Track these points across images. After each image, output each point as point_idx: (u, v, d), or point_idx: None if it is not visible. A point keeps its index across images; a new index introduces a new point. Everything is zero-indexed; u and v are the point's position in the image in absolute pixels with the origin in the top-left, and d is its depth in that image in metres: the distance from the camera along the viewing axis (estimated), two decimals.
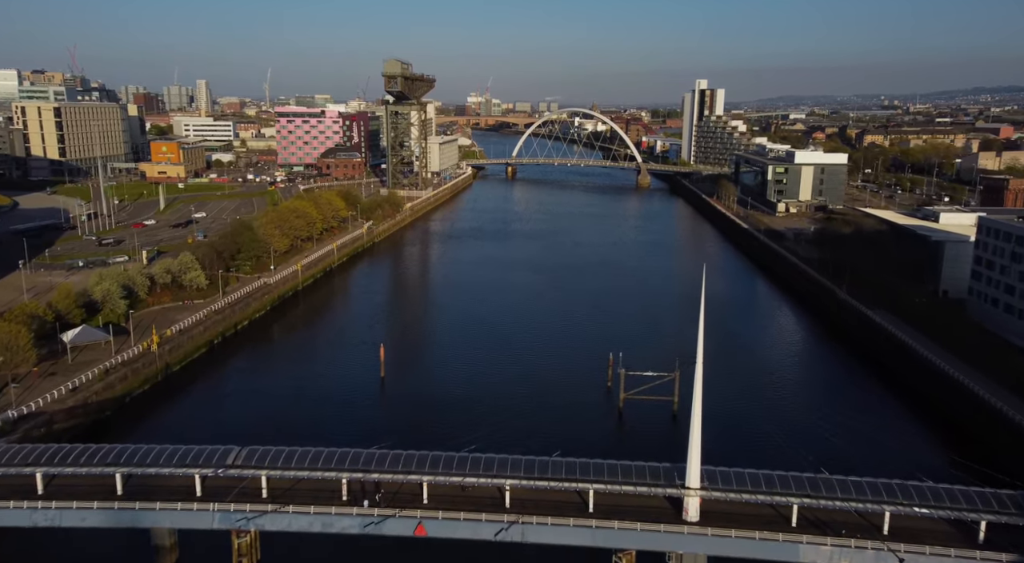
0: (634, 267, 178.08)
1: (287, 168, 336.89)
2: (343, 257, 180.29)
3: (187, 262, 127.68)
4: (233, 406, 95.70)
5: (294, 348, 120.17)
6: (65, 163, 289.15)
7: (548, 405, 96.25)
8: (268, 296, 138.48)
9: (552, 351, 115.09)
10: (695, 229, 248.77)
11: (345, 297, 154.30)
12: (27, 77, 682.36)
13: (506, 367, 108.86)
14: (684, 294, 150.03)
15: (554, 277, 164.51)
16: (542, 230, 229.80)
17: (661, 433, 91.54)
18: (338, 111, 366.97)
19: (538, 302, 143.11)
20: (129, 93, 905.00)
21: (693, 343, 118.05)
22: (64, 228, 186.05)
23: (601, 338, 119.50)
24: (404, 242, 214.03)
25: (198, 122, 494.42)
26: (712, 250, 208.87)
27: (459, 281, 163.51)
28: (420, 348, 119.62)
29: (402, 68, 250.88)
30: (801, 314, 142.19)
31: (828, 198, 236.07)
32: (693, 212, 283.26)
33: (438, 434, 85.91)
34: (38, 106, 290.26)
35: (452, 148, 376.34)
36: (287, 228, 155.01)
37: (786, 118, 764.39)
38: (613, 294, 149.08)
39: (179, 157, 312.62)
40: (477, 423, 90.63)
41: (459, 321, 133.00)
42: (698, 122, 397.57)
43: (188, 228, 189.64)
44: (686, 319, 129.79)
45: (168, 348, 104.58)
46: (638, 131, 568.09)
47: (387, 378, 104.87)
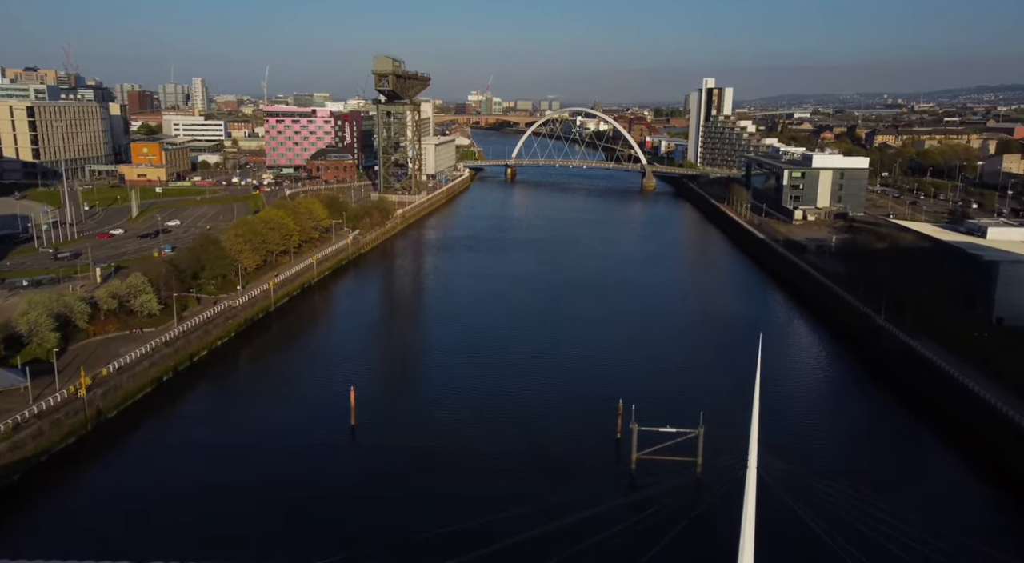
0: (642, 284, 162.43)
1: (276, 170, 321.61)
2: (324, 271, 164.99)
3: (137, 284, 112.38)
4: (172, 465, 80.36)
5: (256, 384, 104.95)
6: (39, 165, 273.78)
7: (546, 463, 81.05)
8: (233, 320, 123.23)
9: (552, 392, 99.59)
10: (705, 238, 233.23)
11: (321, 320, 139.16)
12: (18, 74, 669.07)
13: (498, 412, 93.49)
14: (700, 321, 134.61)
15: (555, 296, 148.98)
16: (542, 239, 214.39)
17: (683, 501, 76.26)
18: (330, 110, 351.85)
19: (537, 328, 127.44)
20: (124, 91, 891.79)
21: (717, 389, 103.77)
22: (21, 239, 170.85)
23: (608, 377, 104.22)
24: (393, 253, 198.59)
25: (188, 121, 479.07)
26: (725, 263, 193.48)
27: (449, 301, 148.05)
28: (399, 386, 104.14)
29: (393, 65, 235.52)
30: (830, 341, 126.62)
31: (848, 205, 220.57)
32: (701, 218, 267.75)
33: (412, 504, 71.20)
34: (9, 105, 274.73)
35: (449, 149, 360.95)
36: (258, 242, 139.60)
37: (791, 117, 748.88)
38: (620, 319, 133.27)
39: (161, 159, 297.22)
40: (461, 486, 75.84)
41: (446, 352, 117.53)
42: (705, 122, 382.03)
43: (158, 239, 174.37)
44: (706, 355, 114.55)
45: (102, 391, 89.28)
46: (641, 131, 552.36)
47: (359, 426, 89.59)
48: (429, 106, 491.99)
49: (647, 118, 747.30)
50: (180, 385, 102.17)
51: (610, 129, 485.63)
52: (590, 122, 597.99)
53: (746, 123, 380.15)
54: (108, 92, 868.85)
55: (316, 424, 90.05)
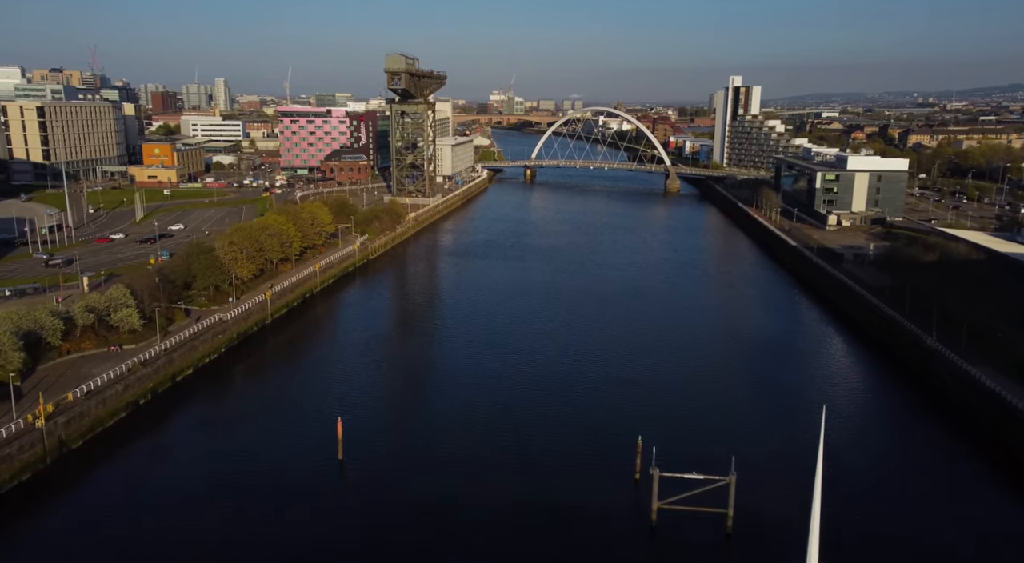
0: (665, 298, 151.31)
1: (290, 171, 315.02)
2: (328, 280, 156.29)
3: (118, 297, 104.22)
4: (136, 506, 71.64)
5: (239, 409, 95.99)
6: (48, 166, 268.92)
7: (555, 510, 71.11)
8: (223, 335, 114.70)
9: (564, 424, 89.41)
10: (732, 245, 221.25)
11: (319, 335, 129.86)
12: (45, 75, 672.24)
13: (503, 446, 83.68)
14: (729, 342, 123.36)
15: (571, 311, 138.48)
16: (560, 245, 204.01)
17: (712, 561, 66.28)
18: (345, 110, 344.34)
19: (549, 348, 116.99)
20: (148, 92, 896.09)
21: (750, 426, 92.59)
22: (17, 244, 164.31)
23: (626, 407, 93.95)
24: (402, 260, 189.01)
25: (206, 121, 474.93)
26: (754, 272, 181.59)
27: (455, 315, 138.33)
28: (395, 414, 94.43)
29: (406, 63, 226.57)
30: (874, 365, 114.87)
31: (886, 209, 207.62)
32: (728, 223, 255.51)
33: (402, 558, 61.91)
34: (20, 105, 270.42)
35: (466, 149, 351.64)
36: (254, 250, 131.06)
37: (819, 116, 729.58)
38: (640, 339, 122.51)
39: (172, 160, 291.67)
40: (459, 536, 66.66)
41: (448, 374, 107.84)
42: (731, 122, 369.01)
43: (159, 244, 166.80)
44: (736, 383, 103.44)
45: (65, 419, 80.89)
46: (665, 130, 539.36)
47: (348, 461, 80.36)
48: (448, 106, 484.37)
49: (671, 118, 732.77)
50: (158, 410, 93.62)
51: (633, 129, 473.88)
52: (612, 122, 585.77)
53: (774, 122, 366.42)
54: (133, 93, 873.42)
55: (301, 458, 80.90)
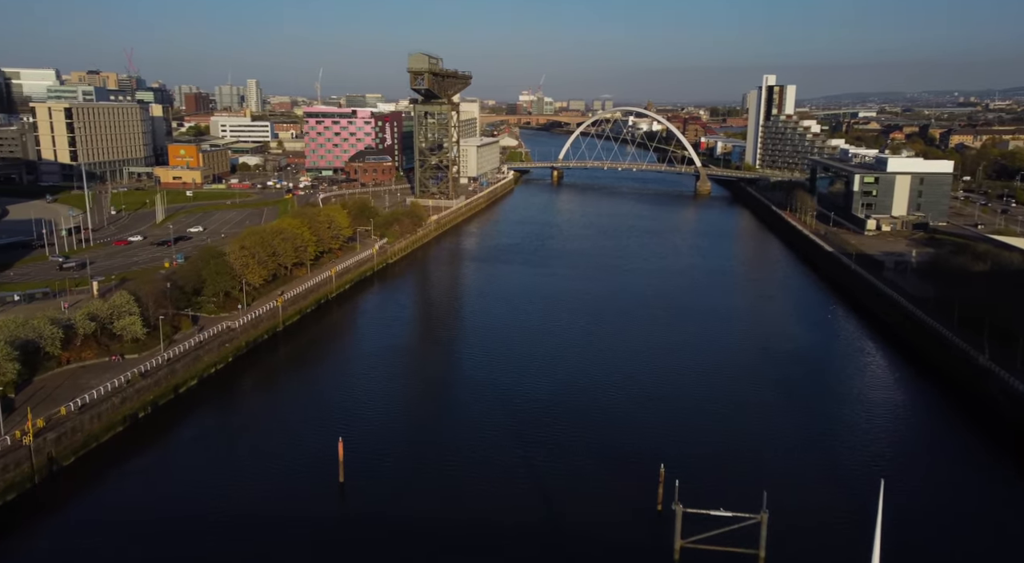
0: (693, 308, 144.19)
1: (315, 172, 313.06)
2: (344, 285, 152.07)
3: (121, 304, 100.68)
4: (125, 529, 67.52)
5: (239, 424, 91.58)
6: (76, 167, 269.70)
7: (569, 543, 65.50)
8: (231, 344, 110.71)
9: (581, 447, 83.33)
10: (765, 250, 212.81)
11: (330, 344, 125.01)
12: (82, 77, 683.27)
13: (515, 472, 78.02)
14: (761, 358, 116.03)
15: (594, 322, 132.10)
16: (586, 250, 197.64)
17: None
18: (371, 111, 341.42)
19: (570, 363, 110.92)
20: (181, 93, 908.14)
21: (782, 456, 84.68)
22: (35, 246, 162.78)
23: (650, 429, 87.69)
24: (421, 265, 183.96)
25: (235, 122, 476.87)
26: (789, 280, 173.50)
27: (473, 323, 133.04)
28: (402, 432, 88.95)
29: (429, 63, 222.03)
30: (920, 384, 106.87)
31: (929, 214, 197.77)
32: (760, 227, 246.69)
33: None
34: (48, 106, 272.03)
35: (492, 150, 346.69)
36: (266, 255, 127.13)
37: (856, 116, 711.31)
38: (666, 354, 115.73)
39: (198, 161, 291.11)
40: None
41: (461, 388, 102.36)
42: (765, 122, 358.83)
43: (174, 247, 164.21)
44: (769, 406, 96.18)
45: (56, 435, 77.10)
46: (696, 131, 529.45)
47: (349, 484, 75.37)
48: (475, 106, 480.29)
49: (702, 118, 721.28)
50: (157, 424, 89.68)
51: (663, 129, 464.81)
52: (642, 122, 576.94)
53: (810, 123, 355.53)
54: (168, 94, 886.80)
55: (300, 479, 76.19)
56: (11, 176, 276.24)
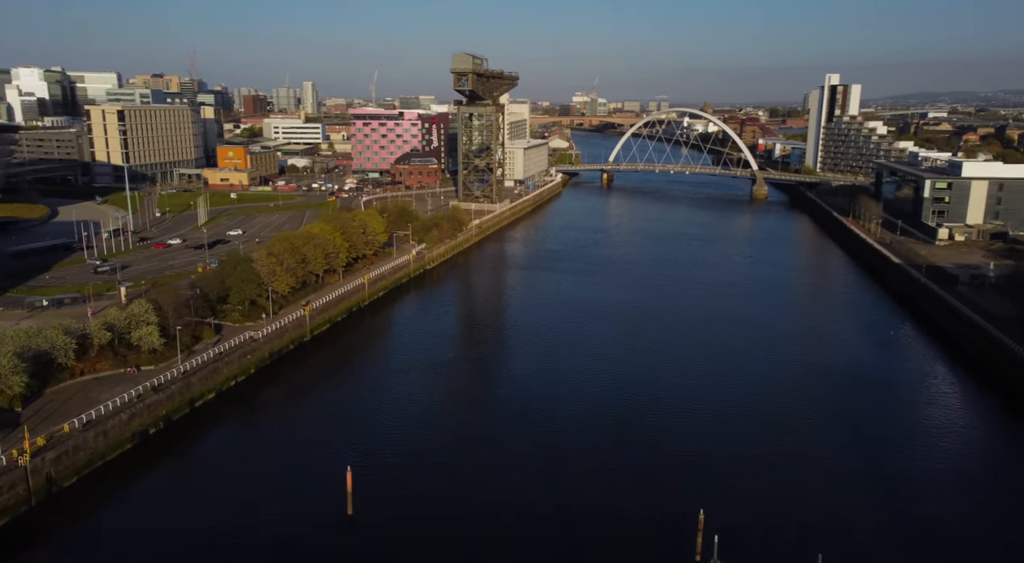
0: (744, 323, 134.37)
1: (361, 174, 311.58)
2: (377, 292, 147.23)
3: (139, 313, 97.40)
4: (119, 560, 63.10)
5: (253, 444, 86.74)
6: (127, 168, 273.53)
7: None
8: (253, 355, 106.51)
9: (613, 485, 75.46)
10: (825, 260, 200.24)
11: (357, 357, 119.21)
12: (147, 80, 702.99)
13: (538, 508, 70.90)
14: (818, 385, 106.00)
15: (637, 336, 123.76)
16: (632, 258, 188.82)
17: None
18: (417, 113, 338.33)
19: (603, 385, 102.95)
20: (240, 95, 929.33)
21: (840, 505, 71.79)
22: (75, 248, 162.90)
23: (690, 467, 79.25)
24: (458, 272, 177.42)
25: (287, 124, 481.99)
26: (850, 293, 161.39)
27: (506, 337, 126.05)
28: (418, 460, 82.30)
29: (473, 63, 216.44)
30: (1000, 415, 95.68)
31: (1009, 222, 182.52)
32: (821, 234, 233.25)
33: None
34: (102, 109, 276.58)
35: (540, 153, 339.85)
36: (294, 262, 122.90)
37: (925, 117, 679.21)
38: (712, 375, 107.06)
39: (245, 162, 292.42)
40: None
41: (485, 413, 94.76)
42: (826, 123, 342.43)
43: (208, 252, 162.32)
44: (825, 444, 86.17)
45: (56, 454, 73.37)
46: (754, 132, 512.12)
47: (358, 517, 69.53)
48: (525, 107, 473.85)
49: (761, 119, 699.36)
50: (167, 442, 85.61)
51: (718, 131, 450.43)
52: (698, 123, 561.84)
53: (875, 124, 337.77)
54: (228, 97, 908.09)
55: (306, 509, 70.67)
56: (67, 177, 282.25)
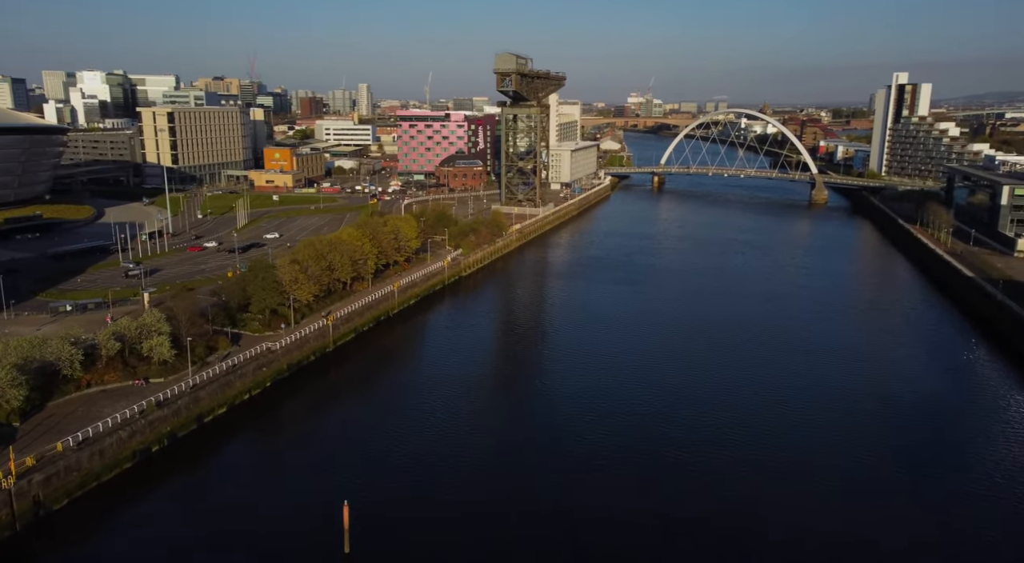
0: (798, 341, 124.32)
1: (407, 176, 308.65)
2: (408, 300, 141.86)
3: (151, 323, 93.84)
4: None
5: (256, 467, 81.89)
6: (176, 170, 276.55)
7: None
8: (269, 368, 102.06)
9: (647, 529, 67.75)
10: (889, 272, 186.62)
11: (382, 371, 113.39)
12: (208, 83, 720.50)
13: (556, 557, 63.64)
14: (881, 414, 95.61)
15: (681, 354, 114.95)
16: (682, 268, 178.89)
17: None
18: (464, 114, 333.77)
19: (643, 412, 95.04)
20: (297, 97, 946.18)
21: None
22: (111, 251, 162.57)
23: (737, 509, 70.69)
24: (495, 280, 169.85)
25: (338, 126, 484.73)
26: (917, 310, 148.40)
27: (540, 356, 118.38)
28: (427, 495, 76.04)
29: (517, 63, 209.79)
30: None
31: None
32: (884, 243, 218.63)
33: None
34: (153, 111, 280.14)
35: (588, 155, 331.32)
36: (319, 269, 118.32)
37: (1002, 117, 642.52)
38: (764, 402, 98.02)
39: (292, 164, 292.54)
40: None
41: (508, 441, 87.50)
42: (893, 124, 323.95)
43: (247, 254, 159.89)
44: (895, 495, 76.01)
45: (45, 476, 69.54)
46: (815, 134, 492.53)
47: (354, 555, 63.56)
48: (576, 108, 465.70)
49: (823, 120, 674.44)
50: (171, 460, 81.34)
51: (777, 133, 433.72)
52: (756, 125, 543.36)
53: (947, 125, 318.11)
54: (287, 99, 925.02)
55: (302, 545, 65.06)
56: (120, 178, 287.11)
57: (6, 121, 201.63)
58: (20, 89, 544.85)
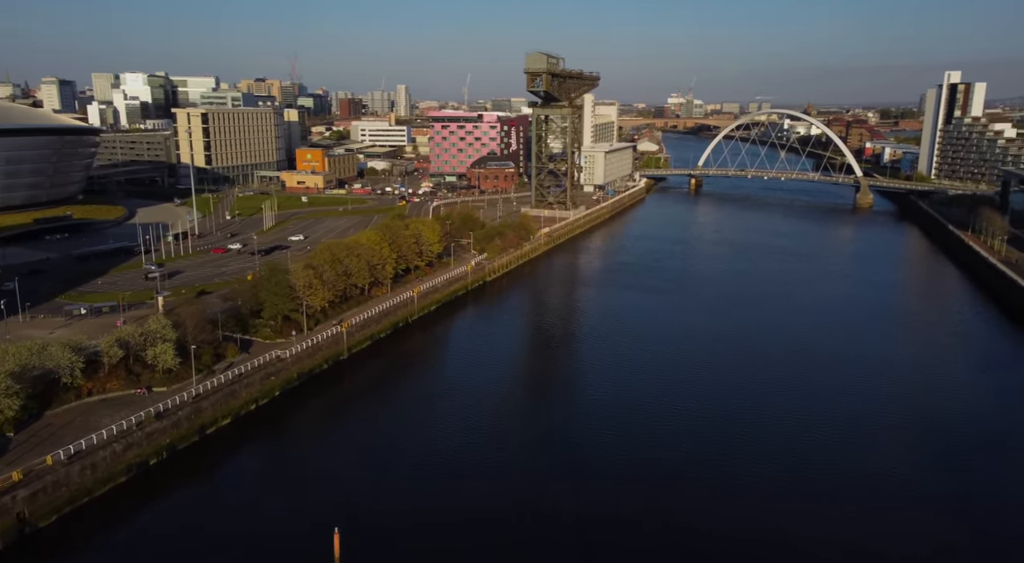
0: (838, 356, 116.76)
1: (438, 178, 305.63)
2: (428, 307, 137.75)
3: (156, 329, 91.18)
4: None
5: (258, 480, 78.32)
6: (209, 170, 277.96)
7: None
8: (278, 376, 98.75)
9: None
10: (938, 281, 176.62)
11: (395, 381, 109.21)
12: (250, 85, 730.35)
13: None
14: (931, 440, 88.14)
15: (713, 370, 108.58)
16: (716, 275, 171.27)
17: None
18: (497, 115, 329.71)
19: (669, 433, 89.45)
20: (337, 99, 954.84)
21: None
22: (135, 252, 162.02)
23: (775, 544, 64.63)
24: (520, 285, 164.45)
25: (374, 126, 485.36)
26: (968, 322, 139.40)
27: (562, 368, 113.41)
28: (427, 528, 71.70)
29: (548, 63, 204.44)
30: None
31: None
32: (933, 251, 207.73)
33: None
34: (187, 112, 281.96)
35: (623, 157, 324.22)
36: (334, 275, 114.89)
37: None
38: (803, 424, 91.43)
39: (323, 165, 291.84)
40: None
41: (520, 465, 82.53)
42: (944, 125, 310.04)
43: (270, 257, 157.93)
44: (952, 538, 68.97)
45: (31, 492, 66.80)
46: (861, 135, 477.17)
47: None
48: (613, 109, 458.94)
49: (870, 121, 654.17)
50: (169, 473, 78.26)
51: (821, 134, 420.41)
52: (799, 125, 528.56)
53: (1002, 126, 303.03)
54: (327, 101, 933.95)
55: None
56: (155, 179, 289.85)
57: (37, 122, 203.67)
58: (67, 91, 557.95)
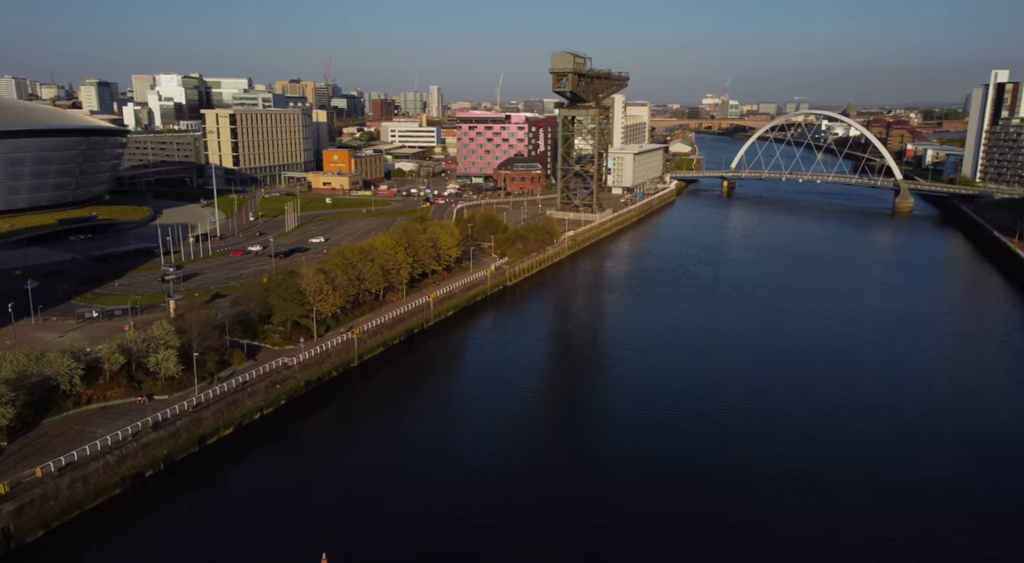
0: (872, 370, 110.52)
1: (465, 179, 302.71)
2: (445, 312, 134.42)
3: (159, 336, 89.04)
4: None
5: (262, 494, 75.35)
6: (237, 171, 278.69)
7: None
8: (283, 385, 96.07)
9: None
10: (982, 290, 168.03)
11: (404, 391, 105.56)
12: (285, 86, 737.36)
13: None
14: (971, 456, 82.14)
15: (740, 385, 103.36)
16: (744, 282, 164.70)
17: None
18: (524, 116, 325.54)
19: (693, 452, 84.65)
20: (370, 99, 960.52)
21: None
22: (156, 253, 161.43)
23: None
24: (541, 291, 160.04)
25: (403, 127, 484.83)
26: (1014, 334, 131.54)
27: (580, 381, 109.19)
28: (441, 551, 68.17)
29: (575, 63, 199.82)
30: None
31: None
32: (978, 258, 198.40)
33: None
34: (216, 113, 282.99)
35: (653, 158, 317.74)
36: (346, 280, 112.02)
37: None
38: (835, 441, 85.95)
39: (350, 167, 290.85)
40: None
41: (527, 487, 78.44)
42: (990, 126, 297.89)
43: (290, 259, 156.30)
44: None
45: (16, 506, 64.66)
46: (902, 137, 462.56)
47: None
48: (644, 110, 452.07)
49: (912, 122, 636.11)
50: (163, 486, 75.84)
51: (860, 135, 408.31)
52: (838, 126, 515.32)
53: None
54: (360, 102, 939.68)
55: None
56: (184, 179, 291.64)
57: (64, 122, 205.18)
58: (106, 92, 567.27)
